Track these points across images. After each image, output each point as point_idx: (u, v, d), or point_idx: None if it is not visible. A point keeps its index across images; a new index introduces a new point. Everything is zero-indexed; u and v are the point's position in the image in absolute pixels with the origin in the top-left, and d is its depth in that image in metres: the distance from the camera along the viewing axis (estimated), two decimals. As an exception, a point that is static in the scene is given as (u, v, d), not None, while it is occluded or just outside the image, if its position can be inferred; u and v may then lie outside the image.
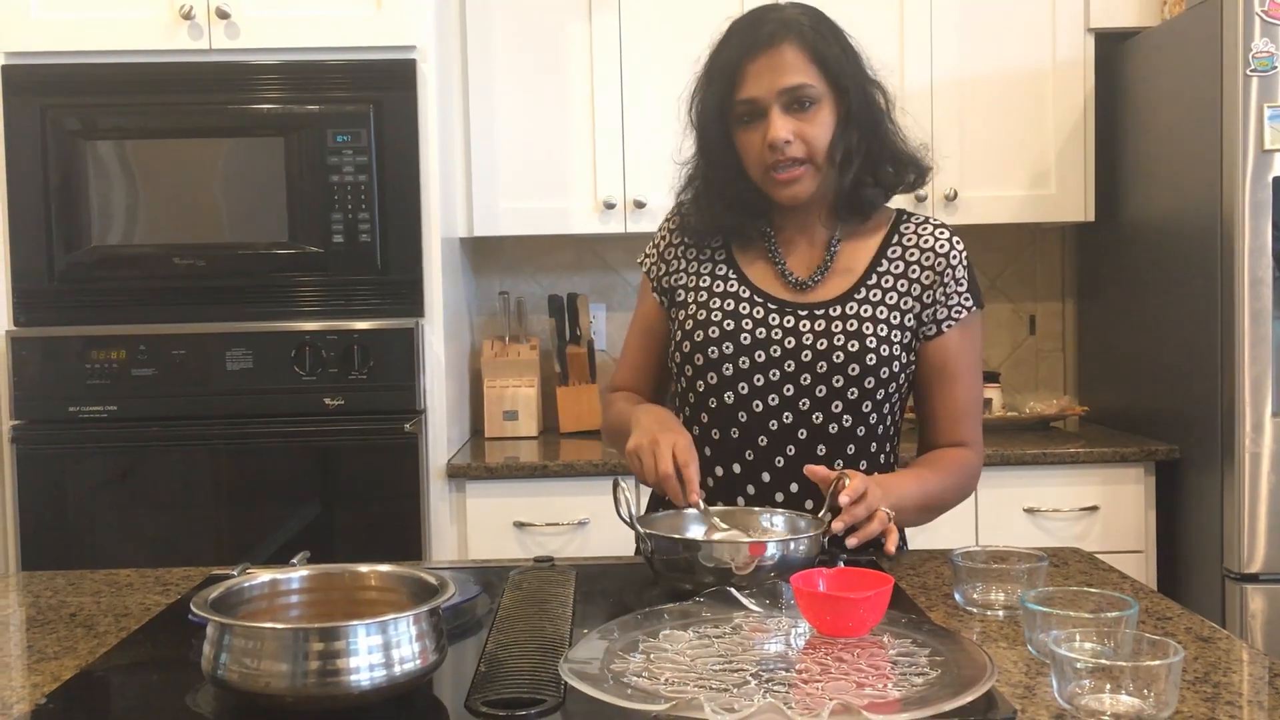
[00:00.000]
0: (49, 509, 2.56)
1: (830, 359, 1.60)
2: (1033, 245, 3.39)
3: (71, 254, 2.57)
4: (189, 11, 2.53)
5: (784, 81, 1.57)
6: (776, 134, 1.57)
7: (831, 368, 1.60)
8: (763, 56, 1.57)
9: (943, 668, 1.07)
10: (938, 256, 1.65)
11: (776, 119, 1.57)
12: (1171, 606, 1.37)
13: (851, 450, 1.62)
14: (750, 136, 1.61)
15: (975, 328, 1.68)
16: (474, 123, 2.98)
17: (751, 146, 1.61)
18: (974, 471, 1.69)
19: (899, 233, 1.68)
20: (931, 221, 1.70)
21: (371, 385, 2.57)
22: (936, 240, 1.66)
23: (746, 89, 1.58)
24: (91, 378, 2.54)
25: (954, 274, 1.65)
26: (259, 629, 1.04)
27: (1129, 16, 2.99)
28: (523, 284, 3.33)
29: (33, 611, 1.45)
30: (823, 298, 1.64)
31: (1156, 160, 2.84)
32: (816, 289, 1.65)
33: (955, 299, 1.65)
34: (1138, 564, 2.74)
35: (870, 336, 1.60)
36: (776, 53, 1.57)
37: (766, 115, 1.58)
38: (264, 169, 2.58)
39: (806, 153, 1.59)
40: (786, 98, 1.57)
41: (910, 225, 1.69)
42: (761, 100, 1.58)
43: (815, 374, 1.60)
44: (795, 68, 1.57)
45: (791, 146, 1.57)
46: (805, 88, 1.57)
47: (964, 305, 1.65)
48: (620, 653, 1.12)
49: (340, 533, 2.63)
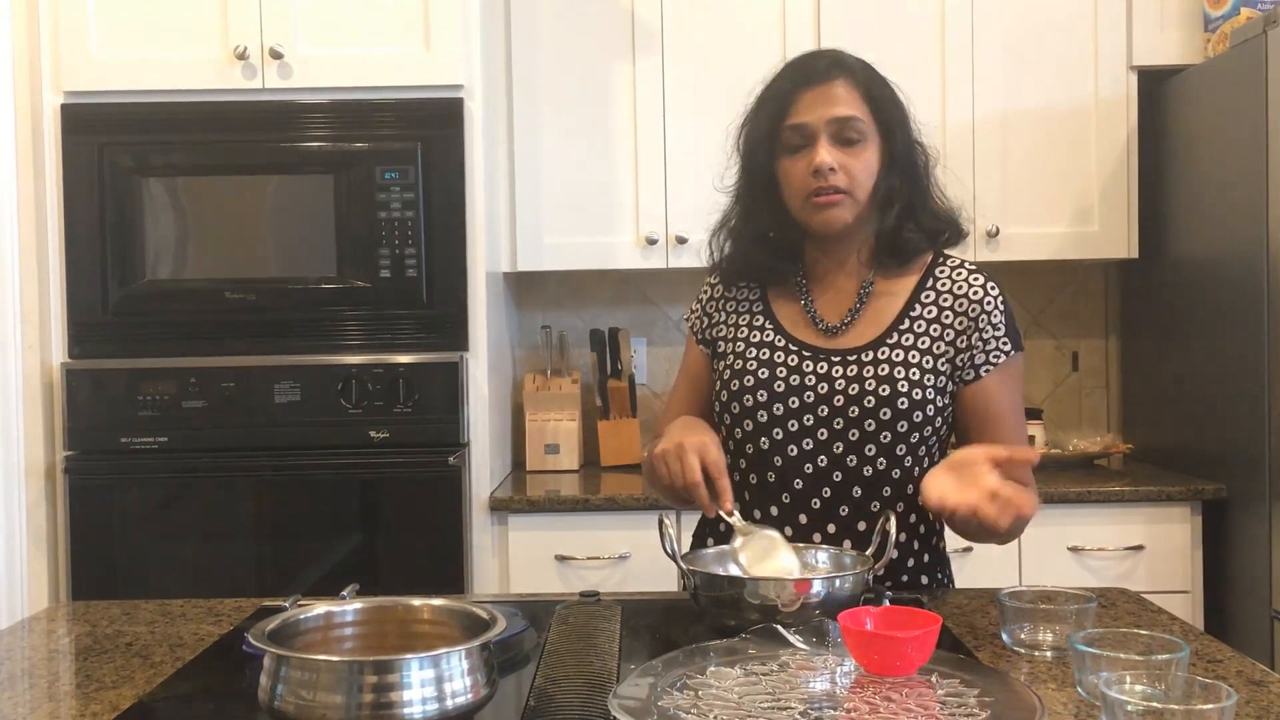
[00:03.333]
0: (99, 538, 2.60)
1: (862, 403, 1.61)
2: (1075, 282, 3.38)
3: (125, 288, 2.62)
4: (243, 52, 2.59)
5: (834, 111, 1.60)
6: (822, 159, 1.59)
7: (864, 412, 1.61)
8: (816, 88, 1.61)
9: (991, 708, 1.07)
10: (971, 302, 1.65)
11: (823, 146, 1.60)
12: (1222, 649, 1.36)
13: (888, 493, 1.63)
14: (795, 164, 1.63)
15: (1016, 371, 1.67)
16: (519, 160, 3.02)
17: (795, 174, 1.63)
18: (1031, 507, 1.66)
19: (933, 276, 1.69)
20: (966, 266, 1.70)
21: (416, 418, 2.60)
22: (970, 286, 1.66)
23: (797, 115, 1.62)
24: (143, 409, 2.59)
25: (989, 319, 1.65)
26: (315, 661, 1.06)
27: (1172, 54, 2.99)
28: (565, 318, 3.36)
29: (89, 641, 1.48)
30: (855, 343, 1.66)
31: (1200, 197, 2.83)
32: (848, 333, 1.67)
33: (993, 343, 1.65)
34: (1184, 605, 2.71)
35: (902, 381, 1.61)
36: (830, 86, 1.61)
37: (813, 143, 1.61)
38: (313, 205, 2.63)
39: (849, 185, 1.61)
40: (835, 128, 1.60)
41: (945, 269, 1.69)
42: (810, 126, 1.60)
43: (848, 418, 1.61)
44: (847, 101, 1.61)
45: (835, 175, 1.60)
46: (854, 121, 1.60)
47: (1001, 349, 1.65)
48: (668, 689, 1.13)
49: (384, 565, 2.65)
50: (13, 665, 1.42)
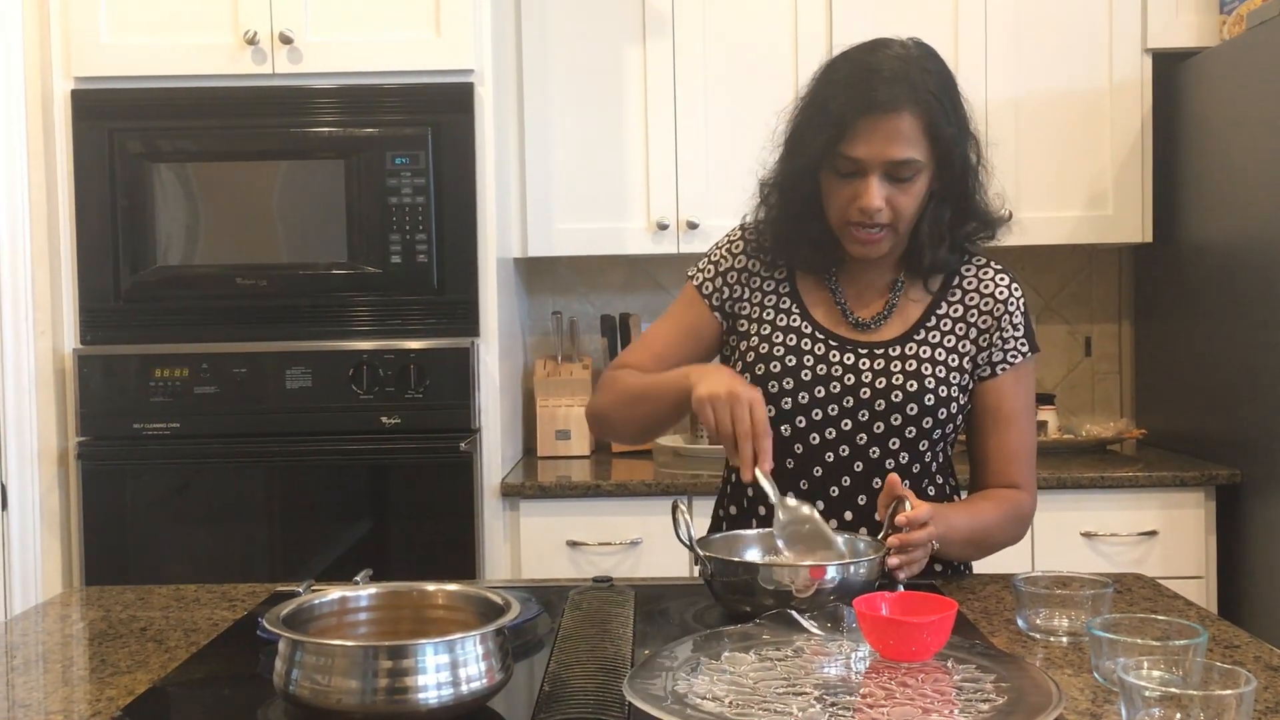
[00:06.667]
0: (112, 524, 2.60)
1: (889, 398, 1.61)
2: (1089, 266, 3.36)
3: (137, 274, 2.62)
4: (253, 37, 2.58)
5: (893, 154, 1.53)
6: (871, 202, 1.55)
7: (890, 406, 1.61)
8: (879, 118, 1.53)
9: (1008, 694, 1.06)
10: (996, 302, 1.66)
11: (874, 186, 1.55)
12: (1239, 634, 1.35)
13: (905, 484, 1.62)
14: (841, 188, 1.58)
15: (1029, 372, 1.69)
16: (529, 145, 3.01)
17: (839, 197, 1.59)
18: (1025, 513, 1.68)
19: (960, 275, 1.69)
20: (993, 265, 1.70)
21: (427, 404, 2.60)
22: (996, 285, 1.67)
23: (854, 147, 1.54)
24: (155, 395, 2.59)
25: (1011, 319, 1.66)
26: (330, 646, 1.06)
27: (1187, 37, 2.97)
28: (575, 304, 3.36)
29: (103, 626, 1.49)
30: (883, 337, 1.66)
31: (1216, 181, 2.81)
32: (876, 328, 1.66)
33: (1011, 343, 1.66)
34: (1198, 590, 2.70)
35: (929, 377, 1.61)
36: (893, 119, 1.53)
37: (864, 176, 1.55)
38: (324, 191, 2.62)
39: (893, 219, 1.58)
40: (890, 168, 1.55)
41: (971, 268, 1.69)
42: (865, 162, 1.54)
43: (874, 411, 1.61)
44: (908, 140, 1.54)
45: (881, 214, 1.56)
46: (912, 163, 1.55)
47: (1019, 350, 1.66)
48: (683, 674, 1.12)
49: (395, 551, 2.65)
50: (28, 650, 1.42)
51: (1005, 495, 1.66)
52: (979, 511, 1.62)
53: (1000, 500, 1.65)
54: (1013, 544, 1.69)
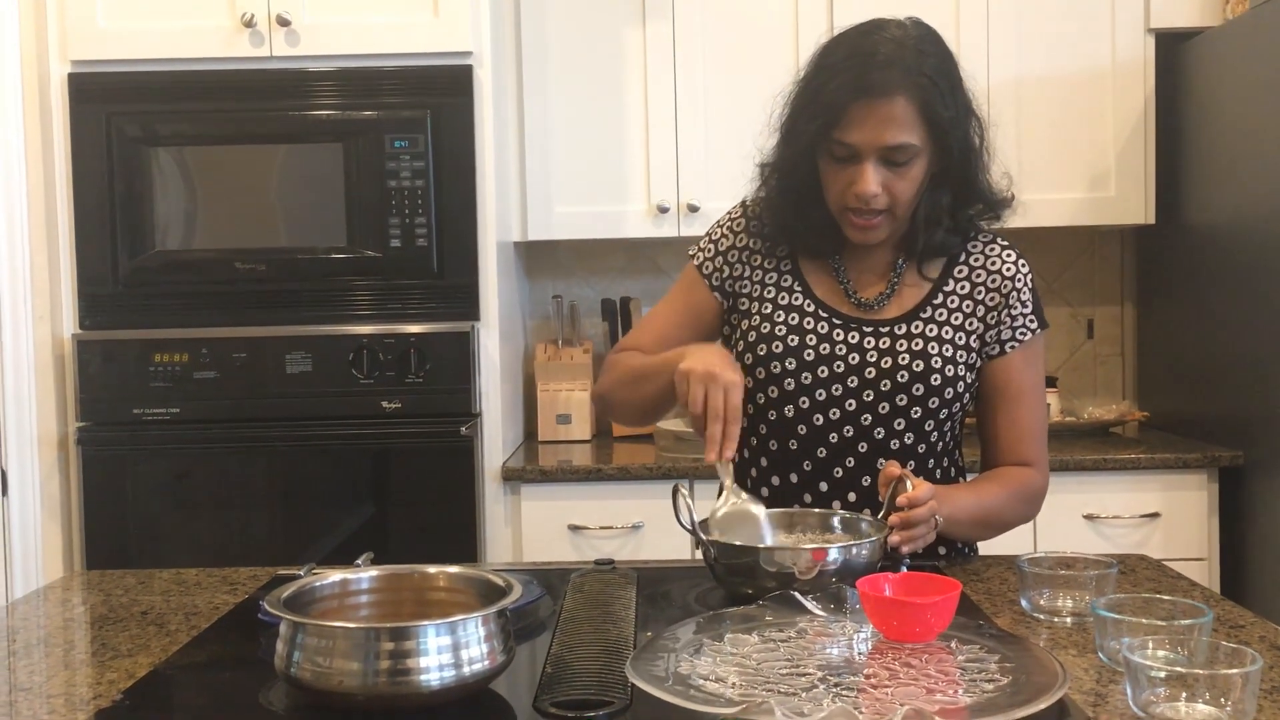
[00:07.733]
0: (112, 509, 2.60)
1: (894, 377, 1.59)
2: (1091, 248, 3.35)
3: (135, 259, 2.61)
4: (250, 19, 2.56)
5: (887, 139, 1.51)
6: (866, 188, 1.53)
7: (895, 386, 1.59)
8: (872, 103, 1.50)
9: (1013, 674, 1.06)
10: (1004, 279, 1.64)
11: (869, 172, 1.53)
12: (1244, 614, 1.35)
13: (911, 466, 1.61)
14: (837, 174, 1.57)
15: (1038, 349, 1.67)
16: (529, 128, 2.99)
17: (836, 183, 1.57)
18: (1037, 491, 1.67)
19: (966, 251, 1.66)
20: (999, 241, 1.68)
21: (428, 388, 2.59)
22: (1004, 262, 1.65)
23: (848, 132, 1.52)
24: (154, 380, 2.59)
25: (1019, 296, 1.64)
26: (331, 628, 1.06)
27: (1190, 16, 2.95)
28: (576, 288, 3.34)
29: (104, 609, 1.48)
30: (888, 315, 1.64)
31: (1220, 162, 2.80)
32: (881, 306, 1.65)
33: (1020, 320, 1.64)
34: (1200, 572, 2.70)
35: (935, 356, 1.60)
36: (887, 104, 1.50)
37: (859, 161, 1.53)
38: (323, 174, 2.61)
39: (890, 204, 1.56)
40: (885, 153, 1.53)
41: (978, 245, 1.67)
42: (859, 148, 1.53)
43: (879, 391, 1.60)
44: (903, 125, 1.51)
45: (877, 200, 1.54)
46: (908, 147, 1.53)
47: (1028, 327, 1.64)
48: (685, 656, 1.12)
49: (396, 535, 2.65)
50: (28, 634, 1.42)
51: (1012, 474, 1.64)
52: (984, 492, 1.61)
53: (1007, 479, 1.64)
54: (1024, 523, 1.68)
